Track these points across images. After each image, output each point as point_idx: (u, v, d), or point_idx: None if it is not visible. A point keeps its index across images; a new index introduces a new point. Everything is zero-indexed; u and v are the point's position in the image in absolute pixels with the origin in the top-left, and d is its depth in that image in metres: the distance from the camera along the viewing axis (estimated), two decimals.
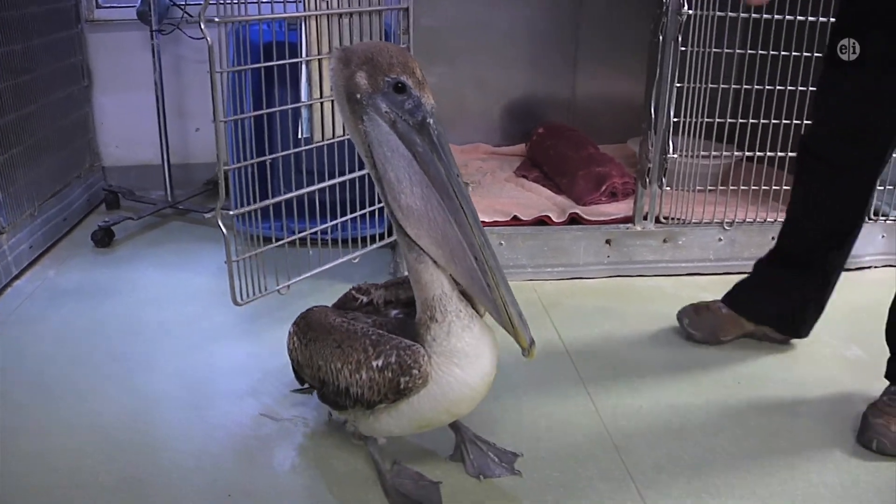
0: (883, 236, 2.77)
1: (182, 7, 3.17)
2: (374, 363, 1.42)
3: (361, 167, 2.39)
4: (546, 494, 1.63)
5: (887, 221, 2.74)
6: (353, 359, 1.45)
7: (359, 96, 1.37)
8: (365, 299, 1.70)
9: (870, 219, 2.73)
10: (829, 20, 2.46)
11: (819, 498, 1.65)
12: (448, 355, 1.42)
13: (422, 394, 1.43)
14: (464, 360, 1.43)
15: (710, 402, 1.97)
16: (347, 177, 2.38)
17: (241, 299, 2.15)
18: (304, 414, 1.88)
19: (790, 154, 2.62)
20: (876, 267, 2.76)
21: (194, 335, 2.27)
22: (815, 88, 2.08)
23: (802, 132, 2.11)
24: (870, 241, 2.77)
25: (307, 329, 1.59)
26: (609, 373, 2.10)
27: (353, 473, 1.69)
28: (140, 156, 3.41)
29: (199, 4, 2.18)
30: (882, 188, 2.71)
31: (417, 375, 1.40)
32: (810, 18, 2.51)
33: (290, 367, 1.73)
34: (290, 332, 1.65)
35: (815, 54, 2.51)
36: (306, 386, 1.76)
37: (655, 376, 2.09)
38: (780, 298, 2.18)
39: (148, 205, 3.16)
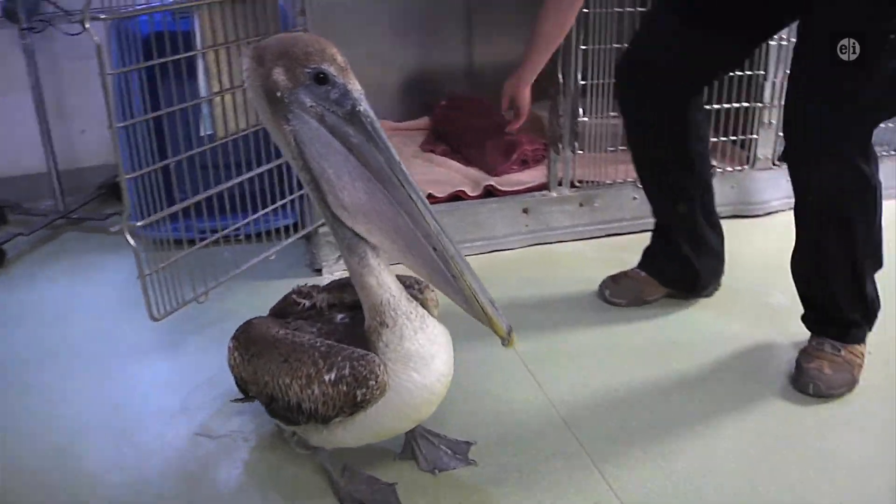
0: (786, 181, 2.81)
1: (53, 2, 2.95)
2: (326, 377, 1.34)
3: (269, 159, 2.29)
4: (504, 480, 1.61)
5: None
6: (302, 373, 1.37)
7: (279, 94, 1.28)
8: (307, 303, 1.61)
9: (774, 164, 2.83)
10: None
11: (767, 448, 1.69)
12: (404, 361, 1.36)
13: (380, 404, 1.36)
14: (420, 363, 1.36)
15: (649, 367, 1.98)
16: (255, 171, 2.26)
17: (158, 314, 2.02)
18: (242, 427, 1.78)
19: None
20: (783, 211, 2.83)
21: (111, 355, 2.12)
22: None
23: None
24: (775, 185, 2.86)
25: (248, 344, 1.50)
26: (546, 347, 2.08)
27: (304, 485, 1.61)
28: (23, 165, 3.15)
29: None
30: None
31: (375, 386, 1.33)
32: None
33: (219, 379, 1.63)
34: (229, 348, 1.56)
35: None
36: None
37: (592, 346, 2.09)
38: (677, 262, 2.22)
39: (39, 217, 2.94)
